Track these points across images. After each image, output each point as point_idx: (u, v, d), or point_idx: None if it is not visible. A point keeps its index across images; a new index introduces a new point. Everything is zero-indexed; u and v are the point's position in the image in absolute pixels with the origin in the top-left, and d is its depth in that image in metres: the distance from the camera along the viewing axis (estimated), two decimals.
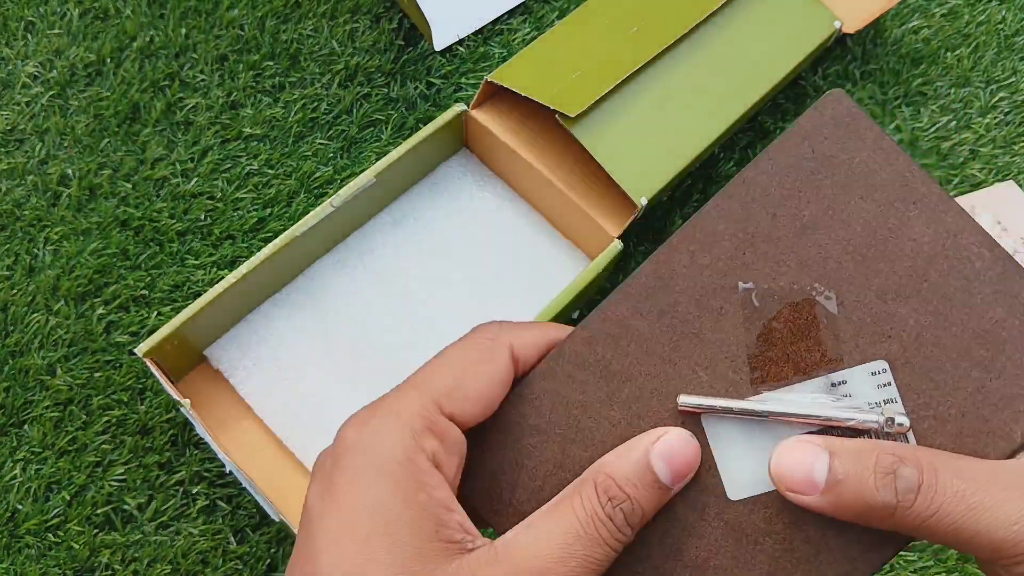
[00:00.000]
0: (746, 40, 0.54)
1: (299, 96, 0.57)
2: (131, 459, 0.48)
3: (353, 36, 0.59)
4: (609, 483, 0.25)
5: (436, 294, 0.51)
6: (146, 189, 0.54)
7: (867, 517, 0.25)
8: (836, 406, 0.26)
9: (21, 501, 0.47)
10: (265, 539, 0.46)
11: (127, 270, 0.52)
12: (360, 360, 0.49)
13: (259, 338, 0.50)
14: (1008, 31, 0.62)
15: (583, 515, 0.25)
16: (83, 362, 0.50)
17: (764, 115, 0.58)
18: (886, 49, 0.61)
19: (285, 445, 0.48)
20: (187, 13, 0.59)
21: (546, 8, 0.61)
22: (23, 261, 0.52)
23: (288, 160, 0.55)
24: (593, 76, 0.50)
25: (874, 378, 0.26)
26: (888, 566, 0.47)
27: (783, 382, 0.27)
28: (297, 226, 0.48)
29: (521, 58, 0.52)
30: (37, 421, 0.48)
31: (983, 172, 0.58)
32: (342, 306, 0.51)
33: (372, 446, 0.26)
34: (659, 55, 0.51)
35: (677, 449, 0.26)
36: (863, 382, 0.26)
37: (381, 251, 0.52)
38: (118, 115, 0.56)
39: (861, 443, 0.25)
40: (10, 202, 0.53)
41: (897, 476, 0.24)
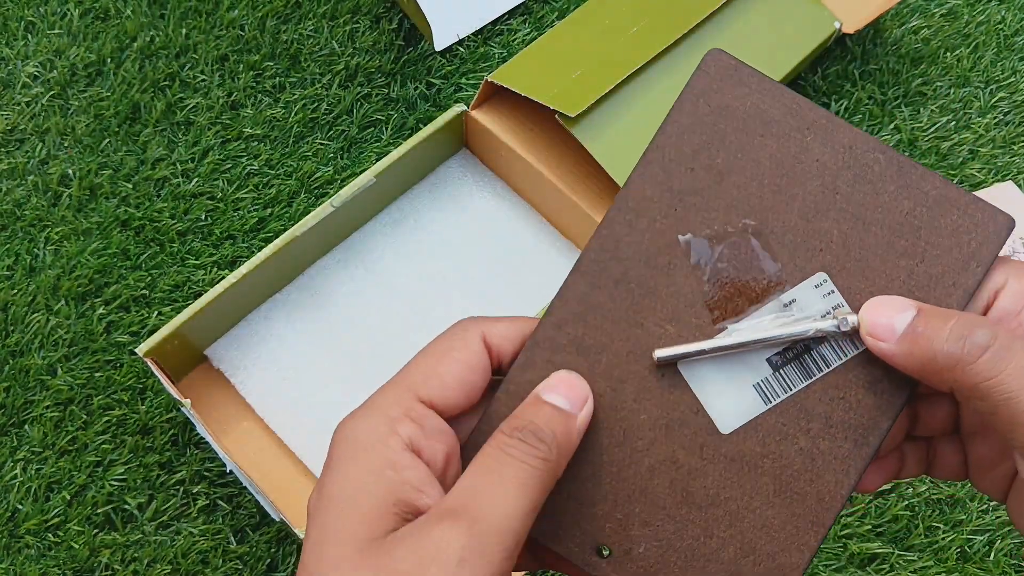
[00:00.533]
0: (746, 40, 0.54)
1: (299, 96, 0.57)
2: (131, 459, 0.48)
3: (353, 36, 0.59)
4: (511, 420, 0.28)
5: (436, 294, 0.51)
6: (146, 189, 0.54)
7: (930, 368, 0.26)
8: (794, 321, 0.28)
9: (21, 501, 0.47)
10: (265, 539, 0.46)
11: (127, 270, 0.52)
12: (360, 359, 0.49)
13: (259, 338, 0.50)
14: (1008, 31, 0.62)
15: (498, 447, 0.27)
16: (83, 362, 0.50)
17: None
18: (886, 49, 0.61)
19: (285, 445, 0.48)
20: (187, 13, 0.59)
21: (546, 8, 0.61)
22: (23, 261, 0.52)
23: (288, 160, 0.55)
24: (593, 76, 0.50)
25: (818, 290, 0.28)
26: (888, 566, 0.47)
27: (742, 315, 0.29)
28: (297, 226, 0.48)
29: (521, 58, 0.52)
30: (37, 421, 0.48)
31: (982, 172, 0.58)
32: (342, 306, 0.51)
33: (351, 438, 0.28)
34: (659, 55, 0.51)
35: (557, 379, 0.28)
36: (810, 295, 0.28)
37: (381, 251, 0.52)
38: (118, 115, 0.56)
39: (949, 311, 0.27)
40: (10, 202, 0.53)
41: (971, 335, 0.26)
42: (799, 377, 0.29)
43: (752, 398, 0.28)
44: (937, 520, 0.49)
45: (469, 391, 0.29)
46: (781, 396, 0.29)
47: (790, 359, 0.29)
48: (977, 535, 0.48)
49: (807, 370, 0.29)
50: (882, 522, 0.48)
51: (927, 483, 0.50)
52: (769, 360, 0.28)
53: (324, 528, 0.26)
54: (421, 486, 0.26)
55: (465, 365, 0.29)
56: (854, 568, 0.47)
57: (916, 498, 0.49)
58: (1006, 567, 0.48)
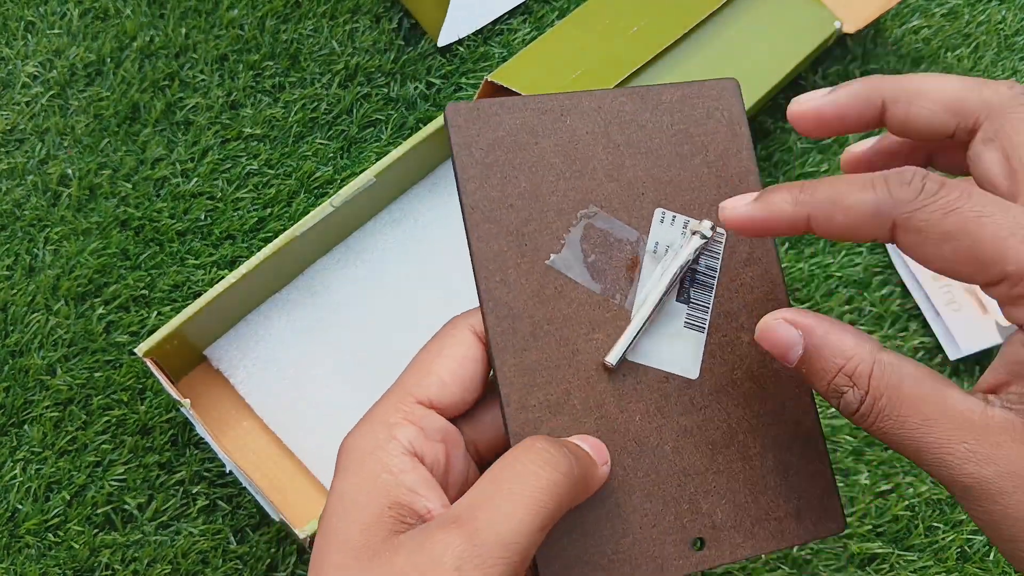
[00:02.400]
0: (746, 40, 0.54)
1: (299, 96, 0.57)
2: (131, 459, 0.48)
3: (353, 36, 0.59)
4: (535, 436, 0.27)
5: (436, 294, 0.51)
6: (146, 189, 0.54)
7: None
8: (673, 258, 0.31)
9: (21, 501, 0.47)
10: (265, 539, 0.46)
11: (127, 270, 0.52)
12: (360, 359, 0.49)
13: (259, 338, 0.50)
14: (1008, 31, 0.62)
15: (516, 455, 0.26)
16: (83, 362, 0.50)
17: (764, 115, 0.58)
18: (886, 49, 0.61)
19: (285, 445, 0.48)
20: (187, 13, 0.59)
21: (546, 8, 0.61)
22: (23, 261, 0.52)
23: (288, 160, 0.55)
24: (593, 76, 0.50)
25: (664, 223, 0.32)
26: (888, 566, 0.47)
27: (633, 283, 0.31)
28: (297, 226, 0.48)
29: (521, 58, 0.52)
30: (37, 421, 0.48)
31: None
32: (342, 306, 0.51)
33: (352, 448, 0.28)
34: (659, 55, 0.51)
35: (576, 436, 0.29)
36: (665, 231, 0.31)
37: (381, 251, 0.52)
38: (118, 115, 0.56)
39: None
40: (10, 202, 0.53)
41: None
42: (705, 294, 0.31)
43: (692, 336, 0.31)
44: (937, 520, 0.49)
45: (468, 384, 0.29)
46: (707, 318, 0.31)
47: (690, 286, 0.31)
48: (977, 535, 0.48)
49: (706, 284, 0.31)
50: (882, 522, 0.48)
51: (927, 483, 0.50)
52: (679, 300, 0.31)
53: (326, 537, 0.26)
54: (419, 489, 0.26)
55: (459, 360, 0.29)
56: (854, 568, 0.47)
57: (916, 498, 0.49)
58: (1006, 567, 0.48)
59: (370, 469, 0.27)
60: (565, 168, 0.31)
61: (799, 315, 0.27)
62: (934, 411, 0.25)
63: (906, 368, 0.26)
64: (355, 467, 0.27)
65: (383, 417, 0.28)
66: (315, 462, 0.47)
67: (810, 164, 0.57)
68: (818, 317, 0.27)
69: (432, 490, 0.27)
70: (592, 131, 0.31)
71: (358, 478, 0.27)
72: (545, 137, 0.31)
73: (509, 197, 0.30)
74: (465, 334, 0.30)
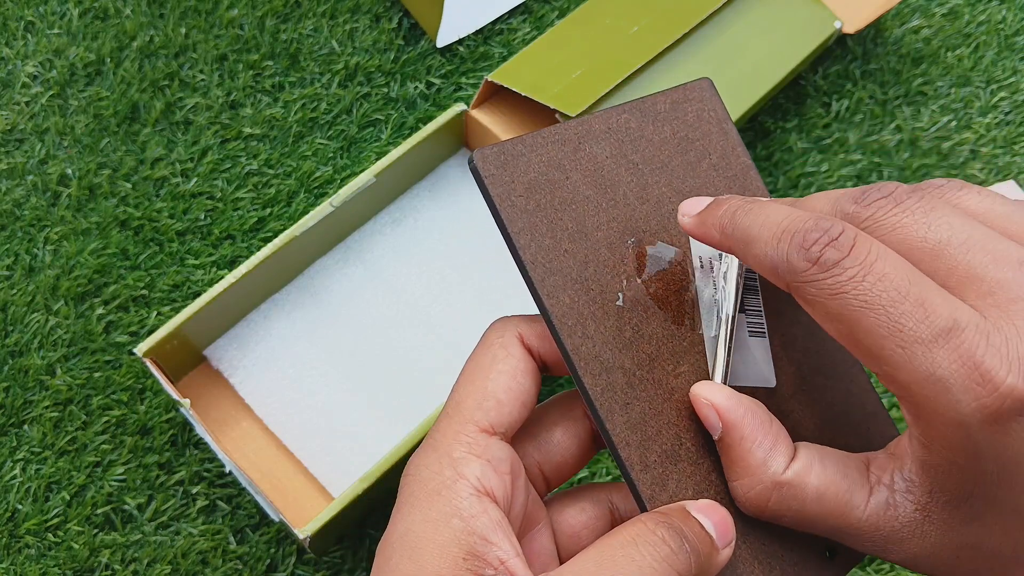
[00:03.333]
0: (746, 40, 0.54)
1: (299, 96, 0.57)
2: (131, 459, 0.48)
3: (353, 36, 0.59)
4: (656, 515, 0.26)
5: (436, 294, 0.51)
6: (146, 189, 0.54)
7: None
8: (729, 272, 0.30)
9: (21, 501, 0.46)
10: (265, 539, 0.46)
11: (127, 270, 0.52)
12: (360, 360, 0.49)
13: (259, 338, 0.50)
14: (1008, 31, 0.62)
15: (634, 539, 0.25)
16: (83, 362, 0.50)
17: (764, 115, 0.58)
18: (886, 49, 0.61)
19: (285, 445, 0.48)
20: (187, 13, 0.59)
21: (546, 8, 0.61)
22: (23, 261, 0.52)
23: (288, 160, 0.55)
24: (593, 76, 0.50)
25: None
26: (888, 566, 0.47)
27: (695, 304, 0.30)
28: (297, 226, 0.48)
29: (521, 58, 0.52)
30: (37, 421, 0.48)
31: (983, 172, 0.58)
32: (342, 306, 0.51)
33: (415, 481, 0.27)
34: (659, 55, 0.51)
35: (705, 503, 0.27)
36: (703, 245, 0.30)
37: (381, 251, 0.52)
38: (118, 115, 0.56)
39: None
40: (10, 202, 0.53)
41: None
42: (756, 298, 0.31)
43: (759, 344, 0.30)
44: None
45: (524, 400, 0.28)
46: (763, 322, 0.31)
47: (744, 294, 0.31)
48: None
49: (753, 288, 0.31)
50: None
51: None
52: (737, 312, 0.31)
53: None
54: (490, 536, 0.25)
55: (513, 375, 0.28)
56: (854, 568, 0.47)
57: None
58: None
59: (440, 510, 0.25)
60: (600, 199, 0.30)
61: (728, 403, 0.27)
62: (837, 531, 0.26)
63: (808, 490, 0.26)
64: (422, 504, 0.26)
65: (447, 449, 0.27)
66: (314, 462, 0.47)
67: (810, 164, 0.57)
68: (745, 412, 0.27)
69: (503, 536, 0.25)
70: (612, 154, 0.30)
71: (427, 520, 0.25)
72: (573, 170, 0.30)
73: (561, 242, 0.28)
74: (515, 344, 0.28)
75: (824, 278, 0.23)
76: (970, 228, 0.23)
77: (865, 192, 0.25)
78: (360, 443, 0.47)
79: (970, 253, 0.23)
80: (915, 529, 0.25)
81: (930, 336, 0.22)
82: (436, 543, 0.25)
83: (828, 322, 0.24)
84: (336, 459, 0.47)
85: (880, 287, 0.22)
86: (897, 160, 0.58)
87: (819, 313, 0.24)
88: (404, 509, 0.26)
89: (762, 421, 0.27)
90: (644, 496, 0.27)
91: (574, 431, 0.30)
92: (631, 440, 0.27)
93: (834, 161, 0.57)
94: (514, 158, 0.29)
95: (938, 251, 0.23)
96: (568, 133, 0.30)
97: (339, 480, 0.46)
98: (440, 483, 0.26)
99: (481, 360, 0.28)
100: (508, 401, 0.27)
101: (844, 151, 0.58)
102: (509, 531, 0.26)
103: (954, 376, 0.22)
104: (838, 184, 0.57)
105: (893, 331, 0.22)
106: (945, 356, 0.22)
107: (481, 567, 0.25)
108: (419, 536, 0.25)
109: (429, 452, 0.27)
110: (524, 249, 0.28)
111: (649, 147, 0.31)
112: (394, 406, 0.48)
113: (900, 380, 0.22)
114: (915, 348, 0.22)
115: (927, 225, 0.23)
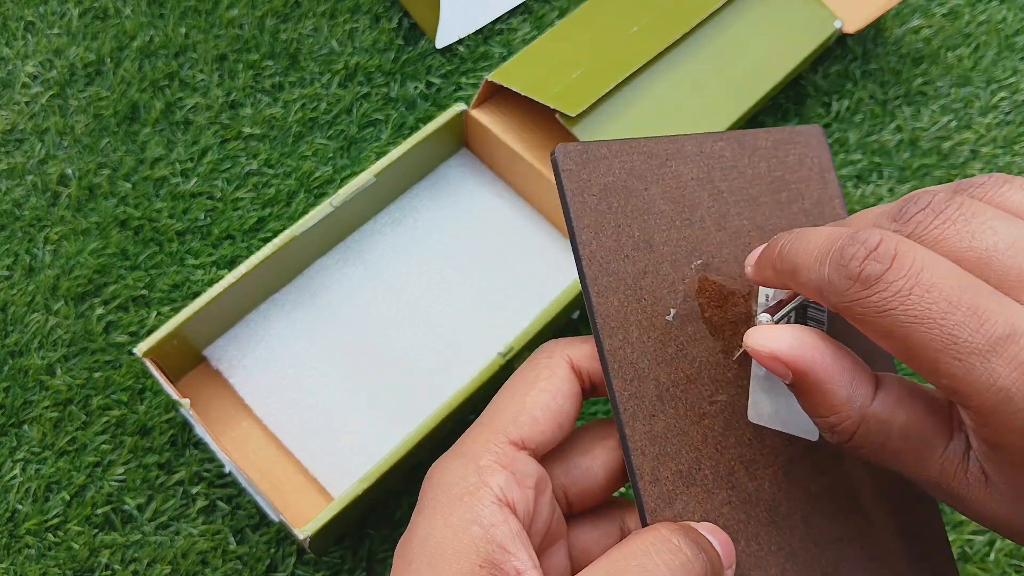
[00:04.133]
0: (746, 40, 0.54)
1: (299, 96, 0.57)
2: (131, 459, 0.48)
3: (353, 36, 0.59)
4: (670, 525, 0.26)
5: (436, 294, 0.51)
6: (145, 189, 0.54)
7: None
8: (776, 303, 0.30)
9: (21, 501, 0.46)
10: (265, 539, 0.46)
11: (126, 270, 0.52)
12: (360, 360, 0.49)
13: (259, 338, 0.50)
14: (1009, 31, 0.62)
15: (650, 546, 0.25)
16: (83, 362, 0.50)
17: (764, 115, 0.58)
18: (887, 49, 0.61)
19: (284, 445, 0.47)
20: (187, 13, 0.59)
21: (546, 8, 0.61)
22: (23, 261, 0.52)
23: (287, 160, 0.55)
24: (593, 76, 0.50)
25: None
26: None
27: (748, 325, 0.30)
28: (297, 226, 0.48)
29: (521, 58, 0.52)
30: (37, 421, 0.48)
31: (984, 172, 0.58)
32: (342, 306, 0.51)
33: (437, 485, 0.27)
34: (659, 55, 0.51)
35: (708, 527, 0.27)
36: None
37: (381, 251, 0.52)
38: (117, 115, 0.56)
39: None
40: (9, 202, 0.53)
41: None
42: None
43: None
44: None
45: (562, 421, 0.28)
46: None
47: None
48: (977, 535, 0.48)
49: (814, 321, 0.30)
50: None
51: None
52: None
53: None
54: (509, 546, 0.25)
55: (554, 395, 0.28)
56: None
57: None
58: (1006, 567, 0.48)
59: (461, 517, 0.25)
60: (675, 216, 0.29)
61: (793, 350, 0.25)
62: (913, 470, 0.25)
63: (895, 424, 0.25)
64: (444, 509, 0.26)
65: (475, 456, 0.27)
66: (314, 463, 0.47)
67: None
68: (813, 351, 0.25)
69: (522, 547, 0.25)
70: (697, 177, 0.30)
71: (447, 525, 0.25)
72: (654, 183, 0.29)
73: (624, 247, 0.28)
74: (562, 366, 0.28)
75: (869, 295, 0.22)
76: (1015, 230, 0.22)
77: (903, 207, 0.24)
78: (360, 443, 0.47)
79: (1020, 255, 0.22)
80: (986, 491, 0.24)
81: (987, 345, 0.21)
82: (455, 549, 0.25)
83: (881, 340, 0.23)
84: (336, 459, 0.47)
85: (929, 299, 0.21)
86: (897, 160, 0.58)
87: (870, 332, 0.23)
88: (426, 512, 0.26)
89: (836, 357, 0.25)
90: (648, 508, 0.27)
91: (604, 459, 0.30)
92: (648, 451, 0.27)
93: (834, 161, 0.57)
94: (596, 159, 0.29)
95: (987, 258, 0.22)
96: (657, 148, 0.30)
97: (339, 480, 0.46)
98: (463, 489, 0.26)
99: (526, 376, 0.28)
100: (544, 419, 0.27)
101: (844, 151, 0.58)
102: (527, 543, 0.26)
103: (1016, 384, 0.21)
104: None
105: (948, 343, 0.21)
106: (1004, 364, 0.21)
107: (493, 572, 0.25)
108: (439, 542, 0.25)
109: (456, 458, 0.27)
110: (585, 245, 0.28)
111: (740, 179, 0.31)
112: (394, 406, 0.48)
113: (961, 392, 0.22)
114: (972, 359, 0.21)
115: (971, 234, 0.22)
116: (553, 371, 0.28)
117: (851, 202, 0.56)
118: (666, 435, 0.27)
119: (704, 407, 0.28)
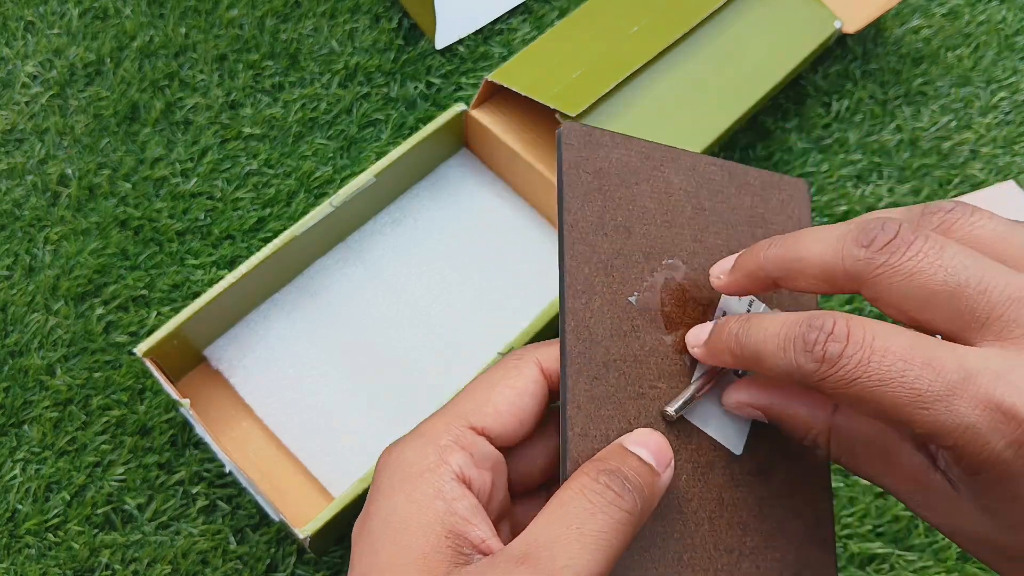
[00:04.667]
0: (746, 40, 0.54)
1: (299, 96, 0.57)
2: (131, 459, 0.48)
3: (353, 36, 0.59)
4: (596, 463, 0.27)
5: (435, 294, 0.51)
6: (145, 189, 0.54)
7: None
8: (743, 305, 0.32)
9: (21, 501, 0.46)
10: (265, 539, 0.46)
11: (126, 270, 0.52)
12: (360, 360, 0.49)
13: (259, 338, 0.50)
14: (1009, 31, 0.62)
15: (580, 492, 0.26)
16: (83, 362, 0.50)
17: (764, 115, 0.58)
18: (887, 49, 0.61)
19: (284, 445, 0.47)
20: (187, 13, 0.59)
21: (546, 8, 0.61)
22: (23, 261, 0.52)
23: (287, 160, 0.55)
24: (593, 76, 0.50)
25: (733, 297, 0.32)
26: (888, 566, 0.47)
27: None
28: (297, 226, 0.48)
29: (521, 58, 0.52)
30: (37, 421, 0.48)
31: (983, 172, 0.58)
32: (342, 306, 0.51)
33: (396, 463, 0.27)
34: (659, 55, 0.51)
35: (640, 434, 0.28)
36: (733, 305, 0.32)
37: (381, 251, 0.52)
38: (117, 115, 0.56)
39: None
40: (9, 202, 0.53)
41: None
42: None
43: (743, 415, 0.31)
44: None
45: (524, 418, 0.29)
46: None
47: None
48: None
49: None
50: (882, 522, 0.48)
51: None
52: (738, 373, 0.31)
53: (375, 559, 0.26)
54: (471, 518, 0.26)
55: (520, 392, 0.29)
56: (854, 568, 0.47)
57: None
58: None
59: (423, 492, 0.26)
60: (658, 215, 0.31)
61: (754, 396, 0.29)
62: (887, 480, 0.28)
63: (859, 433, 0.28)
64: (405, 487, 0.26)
65: (434, 437, 0.27)
66: (314, 463, 0.47)
67: (811, 163, 0.57)
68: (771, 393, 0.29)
69: (482, 519, 0.26)
70: (686, 189, 0.32)
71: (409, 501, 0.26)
72: (644, 182, 0.31)
73: (606, 226, 0.30)
74: (530, 366, 0.29)
75: (836, 371, 0.24)
76: (983, 268, 0.24)
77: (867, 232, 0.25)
78: (360, 443, 0.47)
79: (987, 293, 0.24)
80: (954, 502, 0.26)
81: (946, 391, 0.23)
82: (420, 523, 0.26)
83: (856, 406, 0.25)
84: (336, 459, 0.47)
85: (887, 362, 0.24)
86: (897, 160, 0.58)
87: (845, 401, 0.25)
88: (385, 491, 0.27)
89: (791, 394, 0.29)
90: (571, 457, 0.27)
91: (542, 445, 0.31)
92: (584, 407, 0.28)
93: (834, 161, 0.57)
94: (597, 144, 0.30)
95: (957, 293, 0.24)
96: (655, 152, 0.31)
97: (339, 480, 0.46)
98: (424, 467, 0.27)
99: (492, 375, 0.29)
100: (507, 413, 0.28)
101: (844, 151, 0.58)
102: (486, 517, 0.27)
103: (980, 420, 0.23)
104: (838, 184, 0.57)
105: (912, 396, 0.23)
106: (966, 404, 0.23)
107: (461, 545, 0.26)
108: (403, 517, 0.26)
109: (416, 438, 0.28)
110: (570, 212, 0.29)
111: (724, 204, 0.32)
112: (394, 406, 0.48)
113: (936, 435, 0.24)
114: (937, 406, 0.23)
115: (943, 268, 0.24)
116: (521, 371, 0.29)
117: (851, 202, 0.56)
118: (604, 400, 0.29)
119: (644, 388, 0.29)
